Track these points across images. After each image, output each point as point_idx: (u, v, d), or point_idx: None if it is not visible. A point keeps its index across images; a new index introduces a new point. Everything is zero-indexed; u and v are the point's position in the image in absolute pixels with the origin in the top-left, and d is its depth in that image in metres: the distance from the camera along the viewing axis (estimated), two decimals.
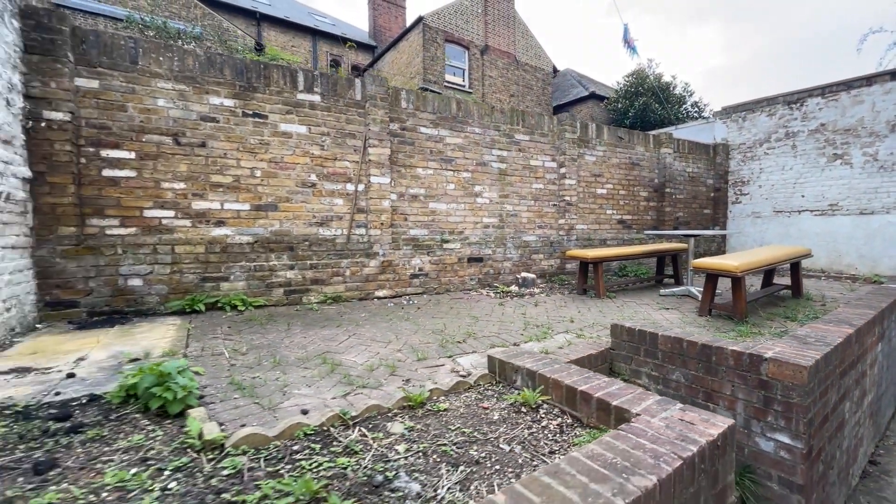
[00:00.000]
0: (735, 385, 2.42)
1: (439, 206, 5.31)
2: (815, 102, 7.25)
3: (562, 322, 3.86)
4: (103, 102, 3.64)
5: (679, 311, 4.22)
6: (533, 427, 1.76)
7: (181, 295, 3.89)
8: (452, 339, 3.26)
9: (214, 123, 4.06)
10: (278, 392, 2.10)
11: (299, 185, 4.47)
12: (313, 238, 4.53)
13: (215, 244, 4.04)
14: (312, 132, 4.51)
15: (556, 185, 6.28)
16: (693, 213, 8.12)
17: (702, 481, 1.35)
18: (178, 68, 3.89)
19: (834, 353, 2.49)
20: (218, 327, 3.38)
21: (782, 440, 2.23)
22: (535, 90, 17.10)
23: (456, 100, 5.41)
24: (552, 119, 6.21)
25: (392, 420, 1.81)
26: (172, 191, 3.91)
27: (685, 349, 2.65)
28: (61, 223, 3.45)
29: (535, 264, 6.03)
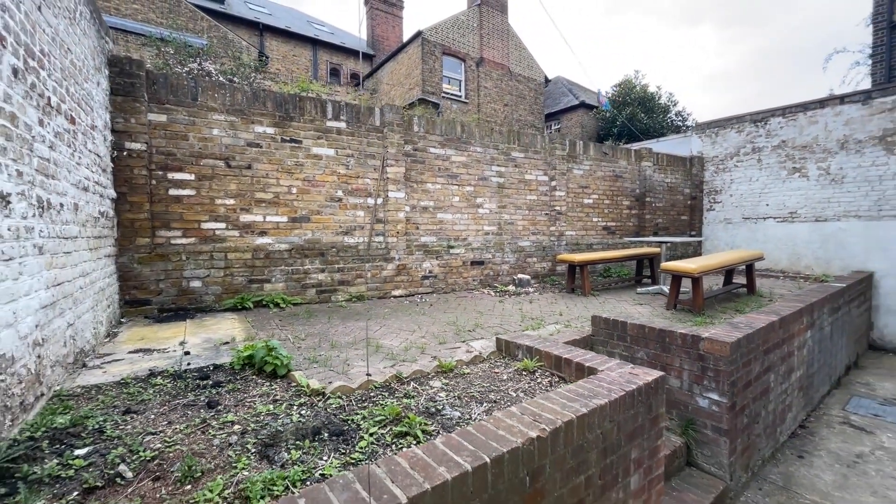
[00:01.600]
0: (682, 359, 3.21)
1: (446, 216, 6.07)
2: (777, 121, 8.15)
3: (552, 315, 4.64)
4: (170, 133, 4.35)
5: (651, 306, 5.03)
6: (531, 382, 2.53)
7: (232, 294, 4.60)
8: (464, 328, 4.02)
9: (258, 148, 4.78)
10: (343, 364, 2.84)
11: (328, 199, 5.20)
12: (340, 245, 5.27)
13: (259, 251, 4.76)
14: (339, 154, 5.25)
15: (548, 196, 7.08)
16: (671, 220, 8.98)
17: (640, 407, 2.13)
18: (229, 102, 4.61)
19: (756, 335, 3.29)
20: (270, 321, 4.10)
21: (713, 397, 3.02)
22: (527, 99, 17.94)
23: (461, 123, 6.18)
24: (544, 138, 7.00)
25: (432, 379, 2.56)
26: (224, 206, 4.63)
27: (647, 333, 3.44)
28: (138, 235, 4.15)
29: (529, 267, 6.82)
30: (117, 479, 1.49)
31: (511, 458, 1.52)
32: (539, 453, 1.62)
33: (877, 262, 7.04)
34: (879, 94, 7.05)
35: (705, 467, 3.11)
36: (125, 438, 1.73)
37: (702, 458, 3.13)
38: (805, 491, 3.27)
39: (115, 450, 1.63)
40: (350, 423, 1.95)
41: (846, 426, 4.32)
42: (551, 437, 1.67)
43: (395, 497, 1.25)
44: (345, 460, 1.63)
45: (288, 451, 1.67)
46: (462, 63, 16.09)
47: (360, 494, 1.25)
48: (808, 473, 3.50)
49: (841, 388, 5.38)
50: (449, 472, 1.37)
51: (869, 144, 7.12)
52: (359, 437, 1.81)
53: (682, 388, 3.22)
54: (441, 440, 1.59)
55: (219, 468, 1.56)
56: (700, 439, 3.11)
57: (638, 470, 2.15)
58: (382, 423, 1.93)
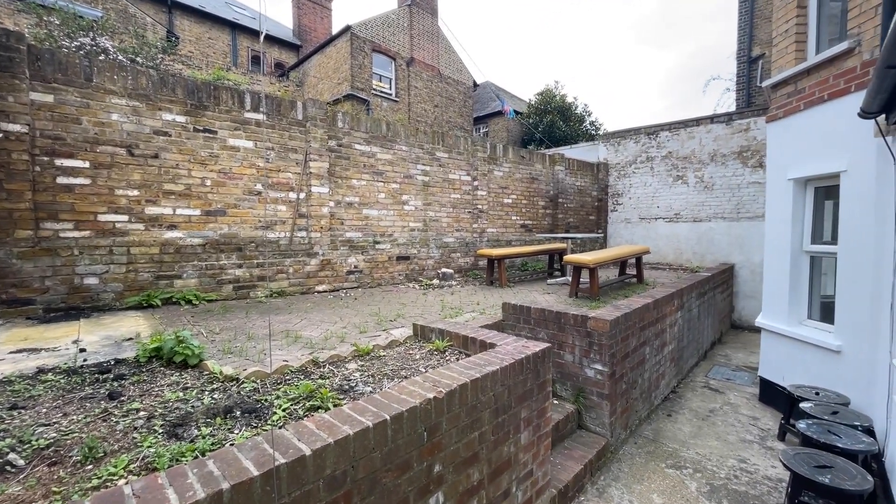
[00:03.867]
0: (574, 336, 3.71)
1: (372, 212, 6.19)
2: (665, 135, 9.44)
3: (471, 305, 5.00)
4: (58, 115, 3.95)
5: (557, 295, 5.63)
6: (440, 359, 2.80)
7: (137, 291, 4.30)
8: (386, 319, 4.20)
9: (167, 137, 4.51)
10: (259, 353, 2.88)
11: (246, 193, 5.06)
12: (259, 240, 5.14)
13: (169, 246, 4.50)
14: (258, 147, 5.13)
15: (471, 195, 7.50)
16: (581, 219, 9.96)
17: (528, 373, 2.49)
18: (132, 86, 4.30)
19: (633, 314, 3.91)
20: (182, 317, 3.93)
21: (598, 368, 3.55)
22: (457, 102, 18.52)
23: (386, 121, 6.33)
24: (467, 140, 7.41)
25: (348, 362, 2.72)
26: (127, 197, 4.31)
27: (547, 316, 3.91)
28: (17, 227, 3.73)
29: (453, 262, 7.18)
30: (7, 467, 1.46)
31: (410, 416, 1.76)
32: (436, 412, 1.88)
33: (736, 255, 8.50)
34: (738, 116, 8.52)
35: (592, 428, 3.64)
36: (13, 431, 1.67)
37: (589, 421, 3.66)
38: (669, 441, 3.96)
39: (2, 441, 1.58)
40: (263, 402, 2.05)
41: (706, 389, 5.25)
42: (447, 398, 1.93)
43: (299, 450, 1.41)
44: (256, 433, 1.74)
45: (198, 428, 1.74)
46: (392, 62, 16.15)
47: (266, 451, 1.39)
48: (672, 428, 4.23)
49: (706, 360, 6.48)
50: (352, 429, 1.57)
51: (731, 158, 8.57)
52: (271, 413, 1.93)
53: (574, 362, 3.72)
54: (348, 406, 1.77)
55: (123, 449, 1.59)
56: (588, 405, 3.64)
57: (528, 427, 2.52)
58: (296, 400, 2.06)
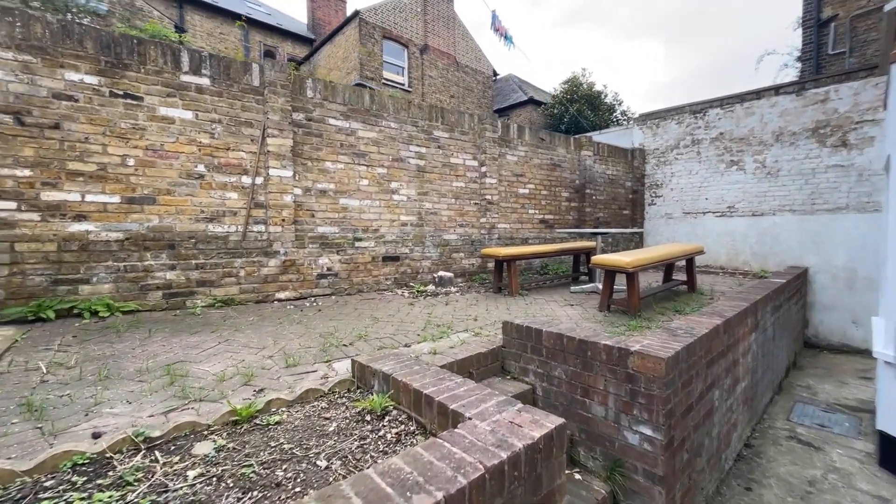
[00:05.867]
0: (607, 379, 2.42)
1: (351, 202, 5.05)
2: (715, 113, 7.87)
3: (465, 321, 3.76)
4: None
5: (582, 307, 4.30)
6: (368, 438, 1.59)
7: (24, 300, 3.32)
8: (339, 342, 3.03)
9: (72, 103, 3.52)
10: (82, 412, 1.76)
11: (184, 176, 4.02)
12: (201, 235, 4.10)
13: (72, 241, 3.51)
14: (200, 118, 4.08)
15: (478, 183, 6.26)
16: (613, 214, 8.50)
17: (515, 489, 1.24)
18: (20, 35, 3.33)
19: (698, 344, 2.57)
20: (60, 337, 2.90)
21: (646, 433, 2.24)
22: (475, 93, 17.27)
23: (369, 91, 5.19)
24: (473, 117, 6.17)
25: (204, 439, 1.55)
26: (14, 178, 3.34)
27: (565, 345, 2.63)
28: None
29: (455, 263, 5.95)
30: None
31: None
32: None
33: (810, 257, 6.84)
34: (812, 85, 6.87)
35: None
36: None
37: None
38: None
39: None
40: None
41: (794, 442, 3.78)
42: None
43: None
44: None
45: None
46: (405, 49, 15.10)
47: None
48: None
49: (783, 393, 4.95)
50: None
51: (803, 137, 6.92)
52: None
53: (607, 419, 2.42)
54: None
55: None
56: (630, 487, 2.33)
57: None
58: None
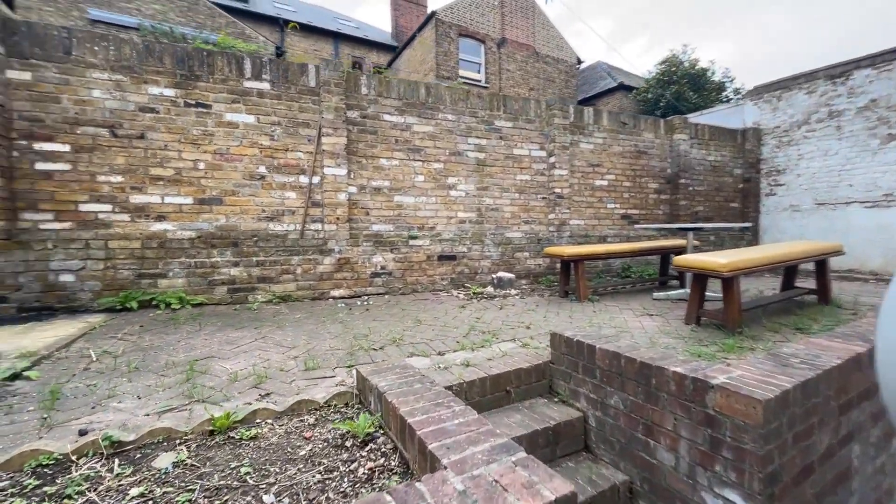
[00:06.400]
0: (678, 418, 1.83)
1: (406, 199, 4.91)
2: (865, 75, 6.14)
3: (516, 328, 3.33)
4: (37, 95, 3.56)
5: (664, 319, 3.55)
6: (336, 472, 1.32)
7: (115, 291, 3.75)
8: (370, 346, 2.84)
9: (154, 114, 3.90)
10: (91, 405, 1.79)
11: (247, 177, 4.23)
12: (262, 233, 4.28)
13: (153, 239, 3.88)
14: (261, 121, 4.27)
15: (546, 175, 5.69)
16: (716, 208, 7.17)
17: None
18: (114, 57, 3.76)
19: (825, 380, 1.83)
20: (129, 326, 3.17)
21: (733, 500, 1.63)
22: (557, 83, 16.28)
23: (425, 84, 4.99)
24: (539, 104, 5.63)
25: (172, 449, 1.43)
26: (109, 184, 3.79)
27: (623, 367, 2.08)
28: None
29: (518, 263, 5.47)
30: None
31: None
32: None
33: None
34: None
35: None
36: None
37: None
38: None
39: None
40: None
41: None
42: None
43: None
44: None
45: None
46: (481, 45, 14.80)
47: None
48: None
49: None
50: None
51: None
52: None
53: (677, 470, 1.84)
54: None
55: None
56: None
57: None
58: None
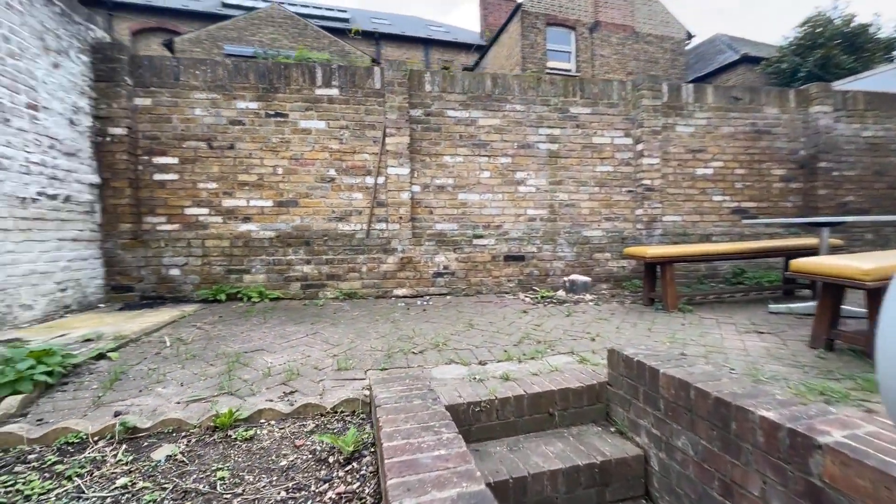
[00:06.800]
0: (767, 481, 1.34)
1: (471, 196, 4.72)
2: None
3: (579, 339, 2.92)
4: (154, 116, 4.21)
5: (778, 339, 2.78)
6: (305, 491, 1.20)
7: (210, 285, 4.25)
8: (411, 349, 2.73)
9: (241, 126, 4.34)
10: (139, 388, 1.97)
11: (318, 180, 4.48)
12: (332, 233, 4.49)
13: (239, 239, 4.32)
14: (331, 126, 4.47)
15: (632, 165, 5.00)
16: (875, 197, 5.55)
17: None
18: (210, 78, 4.28)
19: None
20: (210, 316, 3.54)
21: None
22: (661, 63, 14.51)
23: (491, 75, 4.74)
24: (624, 85, 4.96)
25: (175, 441, 1.47)
26: (206, 190, 4.32)
27: (693, 401, 1.62)
28: (121, 220, 4.10)
29: (598, 265, 4.89)
30: None
31: None
32: None
33: None
34: None
35: None
36: None
37: None
38: None
39: None
40: None
41: None
42: None
43: None
44: None
45: None
46: (571, 32, 13.87)
47: None
48: None
49: None
50: None
51: None
52: None
53: None
54: None
55: None
56: None
57: None
58: None
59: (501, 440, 2.01)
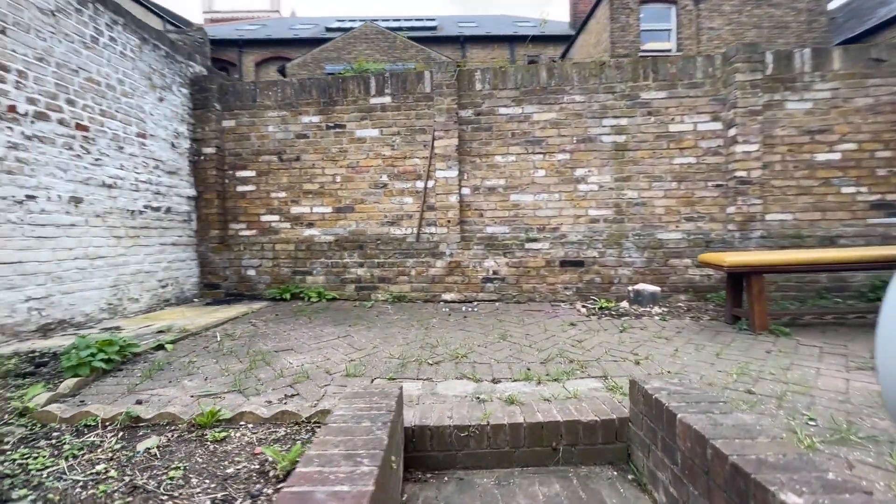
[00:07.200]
0: None
1: (524, 197, 4.45)
2: None
3: (622, 361, 2.53)
4: (237, 136, 4.81)
5: None
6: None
7: (279, 284, 4.69)
8: (428, 358, 2.65)
9: (306, 139, 4.72)
10: (171, 379, 2.22)
11: (372, 186, 4.65)
12: (385, 237, 4.62)
13: (302, 243, 4.69)
14: (384, 133, 4.61)
15: (722, 154, 4.20)
16: None
17: None
18: (280, 98, 4.73)
19: None
20: (269, 314, 3.90)
21: None
22: (793, 28, 12.06)
23: (546, 66, 4.41)
24: (711, 59, 4.18)
25: (162, 434, 1.61)
26: (277, 199, 4.78)
27: (710, 462, 1.25)
28: (211, 227, 4.76)
29: (675, 272, 4.21)
30: None
31: None
32: None
33: None
34: None
35: None
36: None
37: None
38: None
39: None
40: None
41: None
42: None
43: None
44: None
45: None
46: (672, 6, 12.29)
47: None
48: None
49: None
50: None
51: None
52: None
53: None
54: None
55: None
56: None
57: None
58: None
59: (493, 471, 1.81)
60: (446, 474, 1.79)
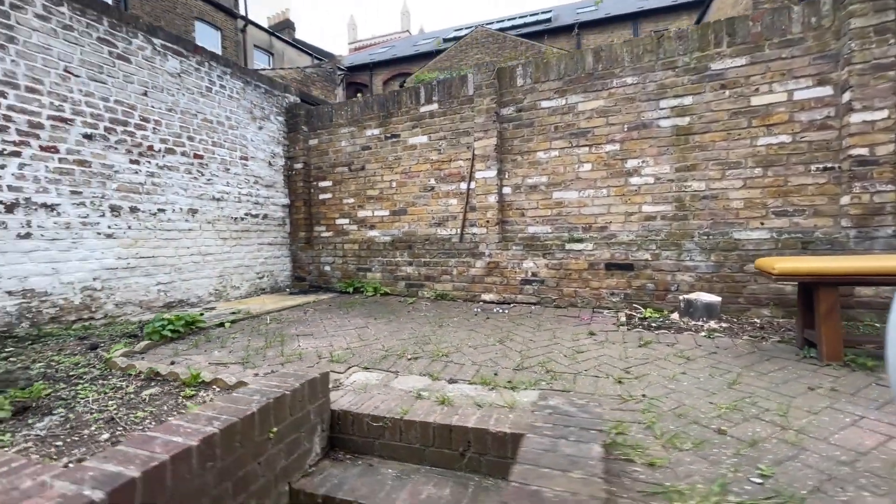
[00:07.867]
0: None
1: (568, 194, 4.15)
2: None
3: (603, 378, 2.27)
4: (319, 151, 5.66)
5: None
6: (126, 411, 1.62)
7: (348, 279, 5.37)
8: (414, 353, 2.80)
9: (369, 150, 5.28)
10: (207, 350, 2.87)
11: (421, 190, 4.94)
12: (432, 237, 4.87)
13: (364, 243, 5.26)
14: (432, 139, 4.85)
15: (832, 128, 3.20)
16: None
17: None
18: (349, 115, 5.39)
19: None
20: (325, 304, 4.53)
21: None
22: None
23: (593, 50, 4.01)
24: (814, 6, 3.21)
25: (164, 386, 2.17)
26: (347, 205, 5.47)
27: None
28: (300, 230, 5.72)
29: (756, 281, 3.38)
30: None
31: None
32: None
33: None
34: None
35: None
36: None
37: None
38: None
39: None
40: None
41: None
42: None
43: None
44: None
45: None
46: None
47: None
48: None
49: None
50: None
51: None
52: None
53: None
54: None
55: None
56: None
57: None
58: None
59: (403, 464, 1.89)
60: (362, 459, 1.94)
